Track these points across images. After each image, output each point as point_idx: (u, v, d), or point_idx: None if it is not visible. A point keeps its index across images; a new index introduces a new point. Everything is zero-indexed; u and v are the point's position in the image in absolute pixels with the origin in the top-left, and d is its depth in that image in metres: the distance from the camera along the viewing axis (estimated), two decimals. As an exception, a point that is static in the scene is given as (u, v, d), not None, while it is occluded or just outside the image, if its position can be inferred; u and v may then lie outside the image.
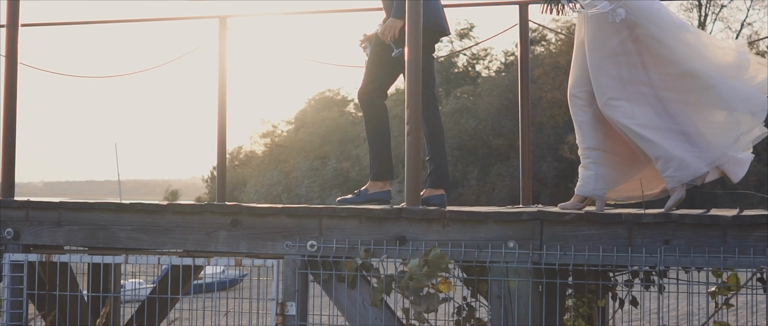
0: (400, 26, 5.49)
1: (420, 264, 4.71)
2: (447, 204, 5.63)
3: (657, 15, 4.91)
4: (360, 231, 4.95)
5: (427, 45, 5.64)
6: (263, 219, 5.12)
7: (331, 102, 54.25)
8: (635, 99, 4.92)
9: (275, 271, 5.03)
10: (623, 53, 4.92)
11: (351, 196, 5.64)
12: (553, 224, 4.70)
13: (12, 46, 6.04)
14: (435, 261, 4.70)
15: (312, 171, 45.37)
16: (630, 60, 4.92)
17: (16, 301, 5.47)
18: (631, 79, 4.92)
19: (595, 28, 4.95)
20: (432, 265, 4.69)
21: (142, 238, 5.37)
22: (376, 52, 5.68)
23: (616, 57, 4.92)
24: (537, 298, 4.73)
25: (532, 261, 4.69)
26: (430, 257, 4.72)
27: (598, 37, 4.95)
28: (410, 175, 5.01)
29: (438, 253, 4.71)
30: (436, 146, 5.64)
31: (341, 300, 4.98)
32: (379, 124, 5.68)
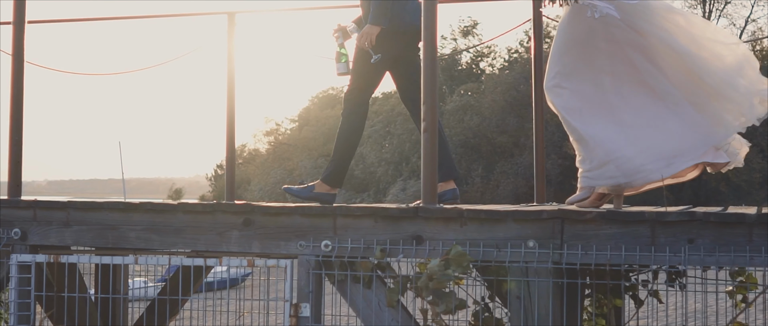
0: (376, 33, 5.45)
1: (441, 263, 4.59)
2: (459, 198, 5.57)
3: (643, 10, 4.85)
4: (375, 231, 4.84)
5: (411, 45, 5.59)
6: (276, 218, 5.01)
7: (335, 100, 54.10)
8: (586, 90, 4.86)
9: (288, 272, 4.92)
10: (587, 42, 4.86)
11: (297, 188, 5.60)
12: (574, 223, 4.59)
13: (18, 45, 5.93)
14: (456, 260, 4.59)
15: (316, 169, 45.21)
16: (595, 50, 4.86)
17: (23, 303, 5.36)
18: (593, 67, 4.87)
19: (569, 14, 4.92)
20: (453, 264, 4.58)
21: (151, 238, 5.26)
22: (356, 57, 5.62)
23: (579, 45, 4.88)
24: (557, 299, 4.62)
25: (553, 261, 4.58)
26: (451, 256, 4.61)
27: (566, 21, 4.93)
28: (427, 173, 4.90)
29: (459, 251, 4.60)
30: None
31: (356, 301, 4.87)
32: (352, 131, 5.63)
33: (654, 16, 4.86)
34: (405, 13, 5.49)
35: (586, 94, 4.88)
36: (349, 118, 5.66)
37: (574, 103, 4.88)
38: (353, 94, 5.64)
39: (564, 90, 4.88)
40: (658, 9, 4.89)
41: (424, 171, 4.90)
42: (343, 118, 5.68)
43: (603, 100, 4.89)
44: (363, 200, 38.56)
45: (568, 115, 4.87)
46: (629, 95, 4.89)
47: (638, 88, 4.89)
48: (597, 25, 4.83)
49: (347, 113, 5.66)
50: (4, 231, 5.56)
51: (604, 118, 4.88)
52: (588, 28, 4.86)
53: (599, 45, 4.87)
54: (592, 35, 4.87)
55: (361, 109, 5.64)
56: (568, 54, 4.91)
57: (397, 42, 5.54)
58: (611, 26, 4.83)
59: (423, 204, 4.87)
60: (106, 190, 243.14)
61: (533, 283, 4.60)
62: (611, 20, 4.79)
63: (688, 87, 4.87)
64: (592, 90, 4.89)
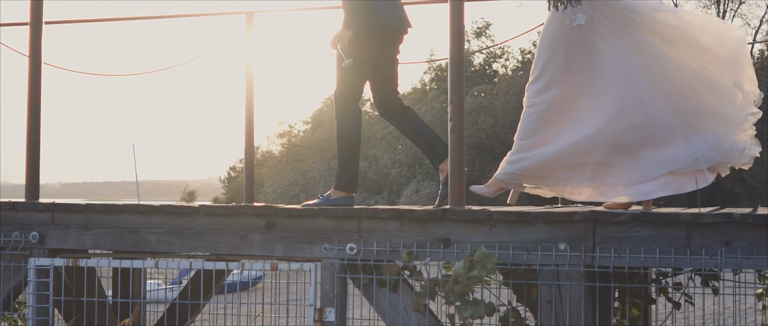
0: (349, 36, 5.33)
1: (465, 265, 4.48)
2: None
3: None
4: (402, 233, 4.73)
5: (389, 46, 5.44)
6: (300, 221, 4.90)
7: (348, 101, 53.90)
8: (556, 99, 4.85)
9: (313, 275, 4.81)
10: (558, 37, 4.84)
11: (314, 201, 5.37)
12: (607, 225, 4.46)
13: (36, 46, 5.83)
14: (481, 262, 4.47)
15: (329, 171, 45.12)
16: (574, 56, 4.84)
17: (42, 308, 5.26)
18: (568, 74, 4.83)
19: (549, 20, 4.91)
20: (478, 266, 4.46)
21: (172, 242, 5.16)
22: (337, 60, 5.49)
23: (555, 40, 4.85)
24: (590, 303, 4.49)
25: (585, 264, 4.46)
26: (475, 257, 4.49)
27: (546, 27, 4.94)
28: (454, 174, 4.78)
29: (484, 253, 4.48)
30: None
31: (382, 306, 4.75)
32: (350, 134, 5.45)
33: (642, 18, 4.81)
34: (379, 13, 5.34)
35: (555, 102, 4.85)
36: (341, 121, 5.52)
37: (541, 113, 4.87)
38: (338, 96, 5.49)
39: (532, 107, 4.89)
40: (647, 9, 4.83)
41: (451, 172, 4.78)
42: (337, 123, 5.53)
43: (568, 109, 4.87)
44: (377, 202, 38.45)
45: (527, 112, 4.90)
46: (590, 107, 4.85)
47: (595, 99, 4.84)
48: (576, 32, 4.80)
49: (338, 116, 5.51)
50: (21, 235, 5.47)
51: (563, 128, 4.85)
52: (568, 34, 4.83)
53: (580, 52, 4.83)
54: (572, 41, 4.82)
55: (349, 110, 5.47)
56: (547, 60, 4.88)
57: (373, 42, 5.39)
58: (593, 32, 4.79)
59: (451, 206, 4.75)
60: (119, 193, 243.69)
61: (565, 287, 4.48)
62: (589, 29, 4.78)
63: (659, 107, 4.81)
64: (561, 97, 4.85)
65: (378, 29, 5.32)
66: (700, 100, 4.78)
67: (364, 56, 5.35)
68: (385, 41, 5.41)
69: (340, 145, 5.49)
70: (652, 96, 4.76)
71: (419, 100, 46.54)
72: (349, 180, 5.39)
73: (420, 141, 5.51)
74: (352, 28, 5.32)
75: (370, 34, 5.34)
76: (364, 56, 5.35)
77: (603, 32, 4.79)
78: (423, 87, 49.59)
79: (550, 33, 4.88)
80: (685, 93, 4.79)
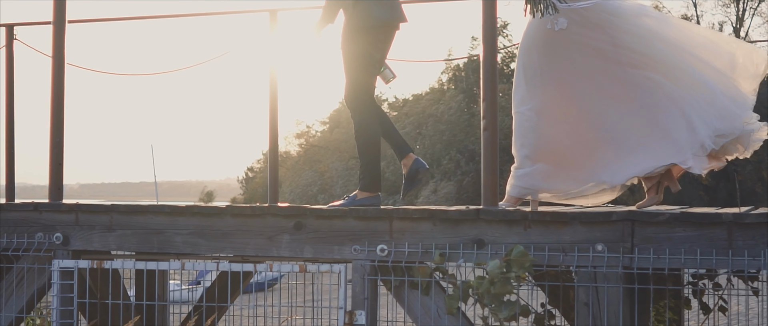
0: (324, 28, 5.32)
1: (501, 265, 4.36)
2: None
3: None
4: (434, 234, 4.62)
5: (386, 40, 5.33)
6: (329, 221, 4.79)
7: (366, 101, 53.84)
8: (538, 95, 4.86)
9: (342, 277, 4.71)
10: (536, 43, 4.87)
11: (340, 202, 5.23)
12: (646, 225, 4.34)
13: (59, 46, 5.75)
14: (518, 261, 4.36)
15: (347, 172, 45.07)
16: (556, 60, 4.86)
17: (66, 311, 5.18)
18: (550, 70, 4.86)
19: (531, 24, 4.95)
20: (514, 265, 4.34)
21: (199, 243, 5.06)
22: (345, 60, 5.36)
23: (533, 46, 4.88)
24: (628, 305, 4.37)
25: (623, 266, 4.33)
26: (512, 256, 4.37)
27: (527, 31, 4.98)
28: (487, 173, 4.66)
29: (520, 251, 4.36)
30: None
31: (414, 309, 4.65)
32: (369, 134, 5.30)
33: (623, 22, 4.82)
34: (380, 7, 5.24)
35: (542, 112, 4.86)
36: (358, 121, 5.36)
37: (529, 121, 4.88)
38: (351, 96, 5.32)
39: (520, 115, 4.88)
40: (630, 13, 4.84)
41: (484, 171, 4.67)
42: (354, 122, 5.39)
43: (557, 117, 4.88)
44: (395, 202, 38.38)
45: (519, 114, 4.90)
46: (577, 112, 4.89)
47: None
48: (558, 36, 4.80)
49: (355, 116, 5.37)
50: (45, 236, 5.39)
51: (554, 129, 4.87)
52: (545, 39, 4.84)
53: (557, 57, 4.85)
54: (550, 47, 4.83)
55: (366, 109, 5.33)
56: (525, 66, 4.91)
57: (376, 35, 5.28)
58: (574, 35, 4.80)
59: (483, 206, 4.64)
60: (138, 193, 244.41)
61: (602, 289, 4.36)
62: (572, 32, 4.80)
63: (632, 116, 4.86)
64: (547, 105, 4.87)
65: (380, 23, 5.23)
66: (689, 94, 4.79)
67: (371, 50, 5.26)
68: (384, 35, 5.31)
69: (360, 145, 5.35)
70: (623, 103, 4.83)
71: (437, 100, 46.40)
72: (372, 179, 5.26)
73: (387, 134, 5.42)
74: (329, 20, 5.28)
75: (375, 28, 5.25)
76: (371, 50, 5.26)
77: (580, 39, 4.80)
78: (440, 87, 49.46)
79: (529, 38, 4.91)
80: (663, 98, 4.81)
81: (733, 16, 44.11)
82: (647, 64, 4.81)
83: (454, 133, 43.69)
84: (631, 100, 4.83)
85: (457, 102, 44.23)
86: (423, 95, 50.01)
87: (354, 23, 5.22)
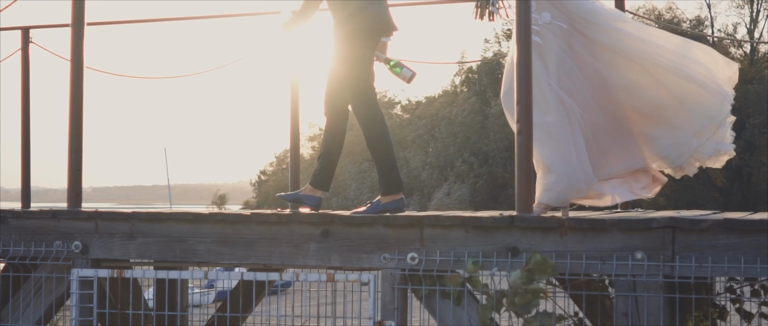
0: (290, 28, 5.28)
1: (523, 276, 4.19)
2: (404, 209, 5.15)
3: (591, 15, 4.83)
4: (467, 242, 4.46)
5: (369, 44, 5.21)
6: (358, 229, 4.64)
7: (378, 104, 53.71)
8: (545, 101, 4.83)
9: (371, 286, 4.55)
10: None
11: (364, 209, 5.08)
12: (687, 232, 4.17)
13: (77, 48, 5.61)
14: (539, 269, 4.18)
15: (360, 174, 44.95)
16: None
17: (85, 321, 5.04)
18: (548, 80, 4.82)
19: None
20: (537, 273, 4.18)
21: (222, 251, 4.91)
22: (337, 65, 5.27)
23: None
24: (668, 315, 4.21)
25: (664, 275, 4.17)
26: (531, 265, 4.19)
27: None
28: (521, 179, 4.50)
29: (539, 259, 4.19)
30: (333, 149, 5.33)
31: (446, 319, 4.49)
32: (380, 136, 5.17)
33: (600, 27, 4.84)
34: (371, 13, 5.16)
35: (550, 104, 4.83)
36: (367, 126, 5.20)
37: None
38: (356, 102, 5.22)
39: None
40: (607, 19, 4.86)
41: (518, 176, 4.50)
42: (362, 127, 5.24)
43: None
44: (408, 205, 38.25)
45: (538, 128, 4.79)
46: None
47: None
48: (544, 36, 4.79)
49: (362, 122, 5.22)
50: (64, 244, 5.26)
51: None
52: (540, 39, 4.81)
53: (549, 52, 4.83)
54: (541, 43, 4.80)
55: (371, 112, 5.22)
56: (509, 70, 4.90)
57: (370, 40, 5.20)
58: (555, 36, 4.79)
59: (518, 213, 4.48)
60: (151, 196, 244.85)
61: (642, 299, 4.19)
62: (556, 30, 4.79)
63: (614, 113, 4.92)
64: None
65: (373, 28, 5.16)
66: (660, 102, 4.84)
67: (369, 53, 5.18)
68: (376, 39, 5.22)
69: (373, 148, 5.20)
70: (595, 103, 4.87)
71: (450, 103, 46.25)
72: (393, 181, 5.11)
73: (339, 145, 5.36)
74: (304, 18, 5.23)
75: (368, 32, 5.16)
76: (369, 53, 5.18)
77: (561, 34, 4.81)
78: (453, 89, 49.30)
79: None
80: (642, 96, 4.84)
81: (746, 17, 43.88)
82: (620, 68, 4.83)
83: (467, 136, 43.54)
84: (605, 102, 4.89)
85: (470, 104, 44.06)
86: (436, 98, 49.89)
87: (354, 25, 5.13)
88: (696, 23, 42.06)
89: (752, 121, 36.42)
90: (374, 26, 5.17)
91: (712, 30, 41.68)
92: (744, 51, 41.76)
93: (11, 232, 5.37)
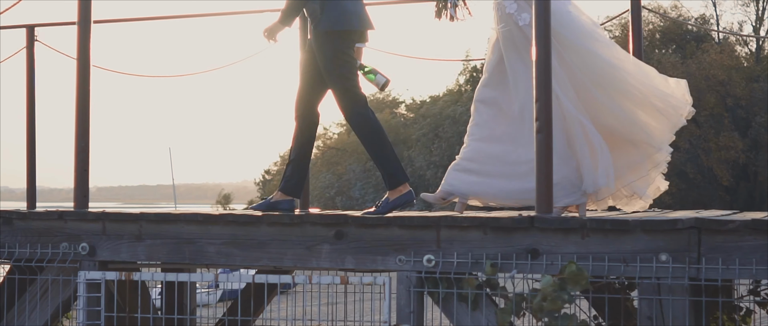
0: (279, 31, 5.15)
1: (554, 283, 4.07)
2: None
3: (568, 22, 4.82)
4: (485, 244, 4.34)
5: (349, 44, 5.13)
6: (372, 230, 4.52)
7: (382, 103, 53.66)
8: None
9: (387, 289, 4.43)
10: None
11: (374, 209, 4.98)
12: (713, 233, 4.05)
13: (84, 47, 5.48)
14: (573, 279, 4.07)
15: (365, 173, 44.81)
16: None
17: (92, 325, 4.92)
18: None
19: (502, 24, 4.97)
20: (570, 283, 4.06)
21: (233, 253, 4.79)
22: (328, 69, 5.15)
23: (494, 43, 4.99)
24: (694, 319, 4.08)
25: (689, 277, 4.04)
26: (566, 274, 4.09)
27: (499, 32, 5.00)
28: (541, 178, 4.37)
29: (574, 270, 4.08)
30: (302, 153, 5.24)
31: (463, 322, 4.37)
32: (375, 133, 5.08)
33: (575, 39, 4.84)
34: (349, 12, 5.08)
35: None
36: (359, 125, 5.11)
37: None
38: (344, 102, 5.10)
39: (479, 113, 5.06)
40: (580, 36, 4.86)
41: (538, 175, 4.37)
42: (354, 127, 5.15)
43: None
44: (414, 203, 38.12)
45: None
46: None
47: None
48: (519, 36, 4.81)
49: (353, 121, 5.13)
50: (70, 246, 5.13)
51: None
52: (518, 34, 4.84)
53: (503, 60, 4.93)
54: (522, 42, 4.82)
55: (360, 109, 5.11)
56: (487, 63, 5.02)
57: (347, 40, 5.11)
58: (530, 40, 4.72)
59: (538, 213, 4.35)
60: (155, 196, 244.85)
61: (667, 302, 4.07)
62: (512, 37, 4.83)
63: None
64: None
65: (351, 29, 5.06)
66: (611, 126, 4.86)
67: (348, 51, 5.08)
68: (353, 40, 5.13)
69: (370, 147, 5.10)
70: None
71: (454, 102, 46.08)
72: (397, 175, 5.02)
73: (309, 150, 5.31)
74: (287, 23, 5.13)
75: (349, 33, 5.08)
76: (348, 51, 5.08)
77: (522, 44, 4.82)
78: (458, 88, 49.18)
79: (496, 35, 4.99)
80: (600, 120, 4.84)
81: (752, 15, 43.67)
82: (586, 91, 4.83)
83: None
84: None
85: (475, 103, 43.80)
86: (440, 97, 49.73)
87: (327, 26, 5.03)
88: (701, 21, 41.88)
89: (758, 119, 36.23)
90: (352, 24, 5.07)
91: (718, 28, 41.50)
92: (749, 49, 41.56)
93: (17, 234, 5.26)
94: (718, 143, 34.66)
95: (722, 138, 34.60)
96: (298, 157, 5.21)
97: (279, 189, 5.15)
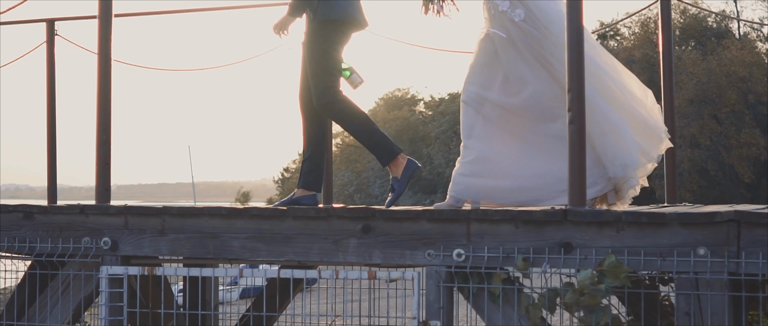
0: (290, 23, 5.12)
1: (592, 276, 3.96)
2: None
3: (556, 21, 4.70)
4: (516, 237, 4.22)
5: (346, 40, 5.14)
6: (400, 224, 4.42)
7: (401, 101, 53.56)
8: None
9: (416, 284, 4.33)
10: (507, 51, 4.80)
11: (391, 196, 4.96)
12: (754, 227, 3.92)
13: (105, 41, 5.39)
14: (612, 272, 3.96)
15: (384, 171, 44.71)
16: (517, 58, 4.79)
17: (115, 321, 4.84)
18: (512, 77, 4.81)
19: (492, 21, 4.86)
20: (608, 276, 3.95)
21: (258, 248, 4.70)
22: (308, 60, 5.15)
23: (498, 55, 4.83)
24: (734, 315, 3.96)
25: (729, 272, 3.92)
26: (604, 266, 3.97)
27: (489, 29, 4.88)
28: (574, 170, 4.25)
29: (613, 262, 3.97)
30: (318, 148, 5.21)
31: (494, 319, 4.26)
32: (353, 115, 5.06)
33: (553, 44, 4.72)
34: (343, 4, 5.05)
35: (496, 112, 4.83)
36: (341, 116, 5.10)
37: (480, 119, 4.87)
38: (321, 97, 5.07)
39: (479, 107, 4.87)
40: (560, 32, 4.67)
41: (570, 167, 4.25)
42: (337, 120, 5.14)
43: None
44: (432, 201, 37.96)
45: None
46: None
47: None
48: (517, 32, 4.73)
49: (333, 113, 5.11)
50: (92, 241, 5.05)
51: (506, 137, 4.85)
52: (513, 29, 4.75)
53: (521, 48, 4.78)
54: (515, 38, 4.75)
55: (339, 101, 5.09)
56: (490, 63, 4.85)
57: (340, 32, 5.10)
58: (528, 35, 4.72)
59: (570, 206, 4.23)
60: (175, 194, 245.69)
61: (705, 297, 3.94)
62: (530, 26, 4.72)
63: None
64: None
65: (344, 18, 5.04)
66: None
67: (337, 46, 5.07)
68: (345, 32, 5.11)
69: (355, 132, 5.09)
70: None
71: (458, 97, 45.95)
72: (389, 152, 5.02)
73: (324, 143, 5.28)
74: (297, 15, 5.10)
75: (337, 23, 5.05)
76: (337, 46, 5.07)
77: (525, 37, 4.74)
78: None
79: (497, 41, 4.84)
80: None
81: (760, 8, 43.30)
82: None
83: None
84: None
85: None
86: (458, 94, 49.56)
87: (318, 18, 5.02)
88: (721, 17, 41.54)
89: (780, 115, 35.93)
90: (344, 16, 5.04)
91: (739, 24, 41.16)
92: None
93: (38, 228, 5.18)
94: (739, 140, 34.35)
95: (743, 135, 34.30)
96: (314, 153, 5.17)
97: (299, 186, 5.09)
